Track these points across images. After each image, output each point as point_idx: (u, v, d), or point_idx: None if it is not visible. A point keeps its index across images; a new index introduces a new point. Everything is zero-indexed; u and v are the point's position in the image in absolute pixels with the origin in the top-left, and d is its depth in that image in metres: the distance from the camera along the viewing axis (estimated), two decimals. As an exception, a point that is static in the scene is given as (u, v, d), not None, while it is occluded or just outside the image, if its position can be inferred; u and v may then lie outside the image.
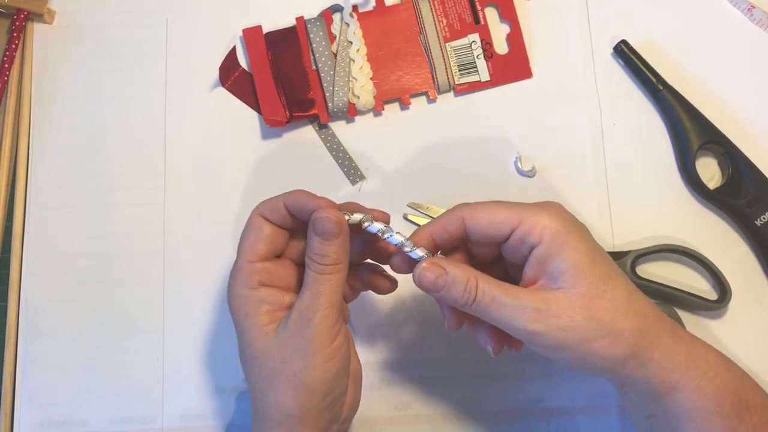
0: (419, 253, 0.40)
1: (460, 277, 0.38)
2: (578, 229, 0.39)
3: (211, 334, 0.53)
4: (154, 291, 0.54)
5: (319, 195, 0.41)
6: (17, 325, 0.53)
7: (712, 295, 0.52)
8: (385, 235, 0.40)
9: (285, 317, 0.40)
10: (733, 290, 0.51)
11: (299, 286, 0.42)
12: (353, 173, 0.55)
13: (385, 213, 0.42)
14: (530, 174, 0.54)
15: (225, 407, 0.52)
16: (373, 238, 0.42)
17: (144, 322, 0.53)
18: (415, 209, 0.54)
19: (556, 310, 0.37)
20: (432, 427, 0.51)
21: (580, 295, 0.37)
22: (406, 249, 0.40)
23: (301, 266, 0.42)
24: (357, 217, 0.40)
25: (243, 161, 0.55)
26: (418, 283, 0.39)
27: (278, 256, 0.42)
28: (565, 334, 0.37)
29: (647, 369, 0.38)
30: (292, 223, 0.41)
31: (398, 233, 0.40)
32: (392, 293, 0.44)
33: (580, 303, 0.37)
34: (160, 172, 0.55)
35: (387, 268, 0.44)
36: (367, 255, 0.44)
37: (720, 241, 0.53)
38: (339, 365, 0.40)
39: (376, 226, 0.40)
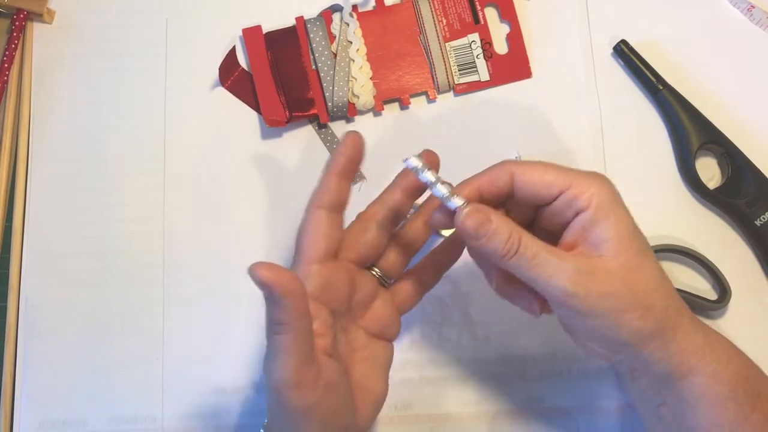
0: (458, 201, 0.38)
1: (504, 227, 0.37)
2: (622, 202, 0.39)
3: (211, 334, 0.53)
4: (153, 291, 0.54)
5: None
6: (17, 325, 0.53)
7: (712, 295, 0.52)
8: (432, 184, 0.38)
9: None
10: (733, 290, 0.51)
11: (357, 303, 0.42)
12: (353, 173, 0.55)
13: (434, 155, 0.42)
14: (530, 174, 0.54)
15: (225, 407, 0.52)
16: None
17: (144, 322, 0.53)
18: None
19: (597, 275, 0.37)
20: (432, 427, 0.51)
21: (620, 265, 0.37)
22: (447, 199, 0.38)
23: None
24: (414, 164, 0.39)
25: (243, 161, 0.55)
26: (461, 226, 0.38)
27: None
28: (602, 300, 0.36)
29: (669, 349, 0.38)
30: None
31: (442, 183, 0.39)
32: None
33: (619, 273, 0.37)
34: (160, 172, 0.55)
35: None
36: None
37: (720, 241, 0.53)
38: (324, 410, 0.37)
39: (428, 176, 0.38)
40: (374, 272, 0.43)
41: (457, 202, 0.38)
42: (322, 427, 0.38)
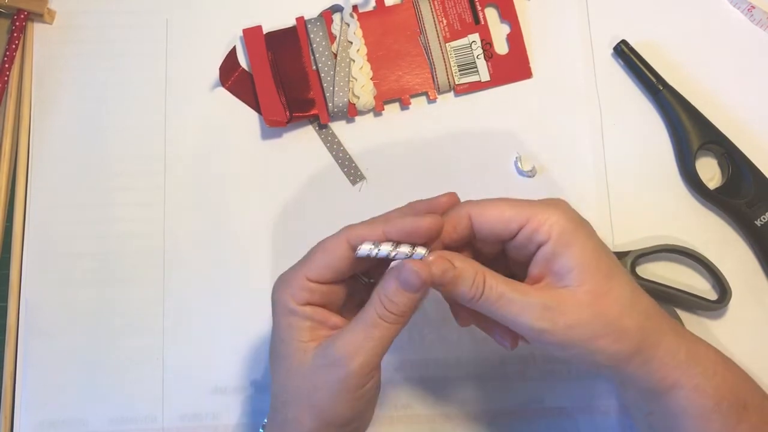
0: (422, 251, 0.39)
1: (467, 272, 0.38)
2: (585, 226, 0.39)
3: (211, 334, 0.53)
4: (154, 291, 0.54)
5: (419, 214, 0.38)
6: (17, 325, 0.53)
7: (712, 295, 0.52)
8: (392, 254, 0.38)
9: (327, 341, 0.39)
10: (733, 290, 0.51)
11: (348, 306, 0.41)
12: (353, 173, 0.55)
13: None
14: (530, 174, 0.54)
15: (225, 407, 0.52)
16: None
17: (144, 322, 0.53)
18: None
19: (563, 308, 0.37)
20: (432, 427, 0.51)
21: (586, 292, 0.37)
22: (411, 256, 0.38)
23: (354, 283, 0.42)
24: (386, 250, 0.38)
25: (243, 161, 0.55)
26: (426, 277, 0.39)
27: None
28: (572, 332, 0.37)
29: (650, 366, 0.38)
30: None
31: (399, 246, 0.38)
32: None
33: (587, 301, 0.37)
34: (160, 172, 0.55)
35: None
36: None
37: (720, 241, 0.53)
38: (364, 406, 0.39)
39: (385, 249, 0.38)
40: (363, 280, 0.43)
41: (420, 252, 0.38)
42: (351, 417, 0.39)
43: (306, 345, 0.39)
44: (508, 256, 0.42)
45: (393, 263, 0.39)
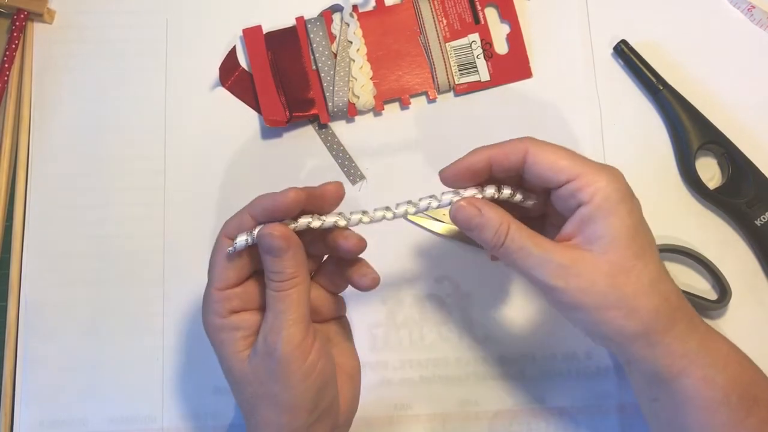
0: (453, 197, 0.40)
1: (493, 221, 0.38)
2: (630, 200, 0.39)
3: (211, 334, 0.53)
4: (154, 291, 0.54)
5: (281, 190, 0.38)
6: (17, 325, 0.53)
7: (712, 295, 0.52)
8: (412, 210, 0.40)
9: (255, 339, 0.39)
10: (733, 290, 0.51)
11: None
12: (353, 173, 0.55)
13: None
14: (530, 174, 0.54)
15: (225, 407, 0.52)
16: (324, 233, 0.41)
17: (144, 322, 0.53)
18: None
19: (579, 270, 0.37)
20: (432, 427, 0.51)
21: (608, 262, 0.37)
22: (440, 200, 0.40)
23: None
24: (304, 222, 0.39)
25: (243, 161, 0.55)
26: (453, 217, 0.39)
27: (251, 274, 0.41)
28: (582, 295, 0.37)
29: (655, 350, 0.38)
30: None
31: (429, 197, 0.40)
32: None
33: (606, 270, 0.37)
34: (160, 172, 0.55)
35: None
36: (325, 250, 0.42)
37: (720, 241, 0.53)
38: (318, 381, 0.39)
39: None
40: None
41: (451, 198, 0.40)
42: (315, 397, 0.38)
43: (242, 354, 0.39)
44: (549, 206, 0.42)
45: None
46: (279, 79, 0.55)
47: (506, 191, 0.40)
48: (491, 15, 0.57)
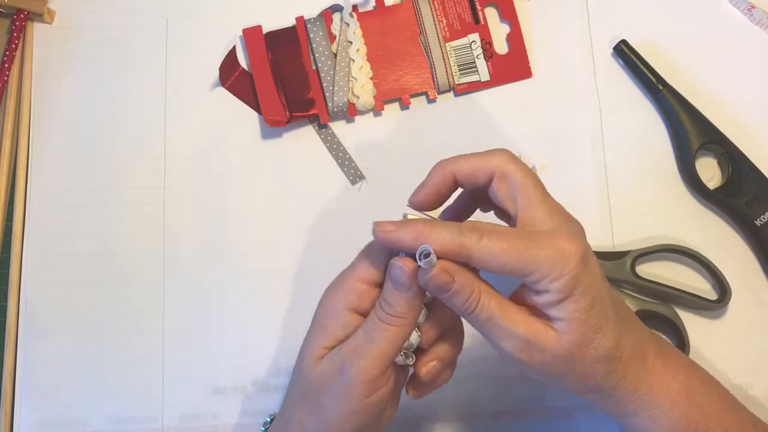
0: (431, 260, 0.38)
1: (465, 288, 0.38)
2: (585, 276, 0.37)
3: (211, 335, 0.53)
4: (154, 291, 0.53)
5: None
6: (17, 325, 0.53)
7: (712, 295, 0.52)
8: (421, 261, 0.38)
9: (339, 345, 0.39)
10: (733, 290, 0.51)
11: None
12: (353, 173, 0.55)
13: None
14: (530, 174, 0.54)
15: (225, 407, 0.52)
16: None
17: (144, 322, 0.53)
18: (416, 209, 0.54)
19: (543, 347, 0.38)
20: (432, 427, 0.51)
21: (569, 342, 0.37)
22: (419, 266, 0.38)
23: None
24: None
25: (243, 161, 0.55)
26: (424, 284, 0.38)
27: None
28: (544, 368, 0.38)
29: (607, 401, 0.40)
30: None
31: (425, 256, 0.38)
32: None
33: (566, 348, 0.38)
34: (160, 172, 0.55)
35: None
36: None
37: (720, 241, 0.53)
38: (365, 421, 0.39)
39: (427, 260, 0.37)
40: None
41: (431, 260, 0.38)
42: (357, 429, 0.39)
43: (324, 350, 0.39)
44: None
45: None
46: (279, 79, 0.55)
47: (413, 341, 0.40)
48: (491, 15, 0.57)
